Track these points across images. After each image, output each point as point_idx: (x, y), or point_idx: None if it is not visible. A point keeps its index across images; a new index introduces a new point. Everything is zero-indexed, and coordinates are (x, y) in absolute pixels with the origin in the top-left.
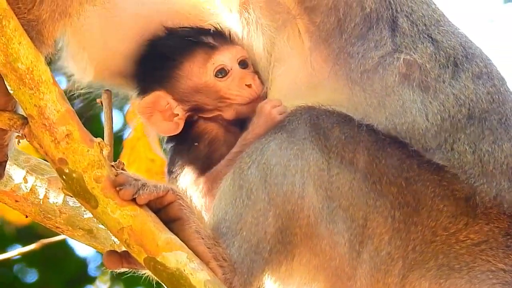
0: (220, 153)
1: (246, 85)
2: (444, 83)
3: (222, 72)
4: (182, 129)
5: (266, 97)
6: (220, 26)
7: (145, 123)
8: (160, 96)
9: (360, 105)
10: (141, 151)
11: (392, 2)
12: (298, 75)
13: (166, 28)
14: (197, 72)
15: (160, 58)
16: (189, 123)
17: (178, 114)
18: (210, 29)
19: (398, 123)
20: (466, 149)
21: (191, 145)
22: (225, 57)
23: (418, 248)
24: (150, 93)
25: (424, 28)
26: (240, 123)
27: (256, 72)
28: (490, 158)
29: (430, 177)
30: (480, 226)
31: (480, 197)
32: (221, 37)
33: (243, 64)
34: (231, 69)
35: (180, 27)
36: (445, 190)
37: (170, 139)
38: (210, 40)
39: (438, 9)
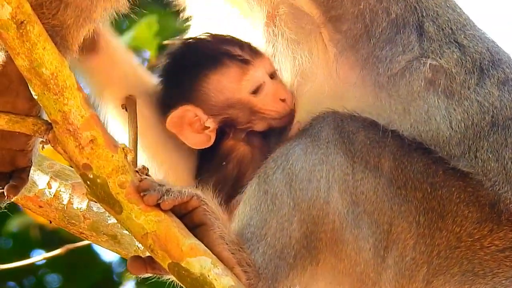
0: (249, 173)
1: (280, 99)
2: (469, 89)
3: (256, 90)
4: (213, 144)
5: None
6: (252, 43)
7: (178, 136)
8: (188, 110)
9: (385, 111)
10: None
11: (417, 7)
12: (323, 87)
13: (186, 40)
14: (230, 87)
15: (185, 71)
16: (220, 138)
17: (209, 127)
18: (239, 41)
19: (422, 131)
20: (489, 157)
21: (220, 163)
22: (259, 72)
23: (443, 254)
24: (178, 108)
25: (450, 32)
26: (267, 136)
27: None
28: None
29: (455, 183)
30: (505, 232)
31: (505, 204)
32: (252, 50)
33: (273, 76)
34: (264, 83)
35: (202, 37)
36: (470, 196)
37: (200, 154)
38: (241, 53)
39: (464, 13)
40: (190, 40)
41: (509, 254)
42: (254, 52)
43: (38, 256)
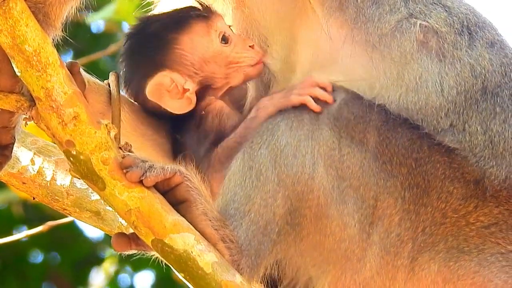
0: (229, 125)
1: (249, 46)
2: (461, 50)
3: (225, 39)
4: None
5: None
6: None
7: (159, 104)
8: (164, 75)
9: (378, 78)
10: None
11: None
12: (315, 48)
13: (141, 18)
14: (202, 42)
15: (153, 39)
16: (198, 102)
17: (189, 89)
18: (193, 4)
19: (411, 101)
20: (477, 129)
21: (199, 122)
22: (221, 22)
23: (428, 230)
24: (154, 75)
25: None
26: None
27: None
28: (500, 139)
29: (440, 159)
30: (490, 208)
31: (490, 180)
32: (207, 7)
33: (232, 31)
34: (230, 35)
35: (158, 13)
36: (455, 172)
37: (176, 118)
38: (200, 11)
39: None
40: (149, 15)
41: (494, 230)
42: (209, 9)
43: (21, 234)
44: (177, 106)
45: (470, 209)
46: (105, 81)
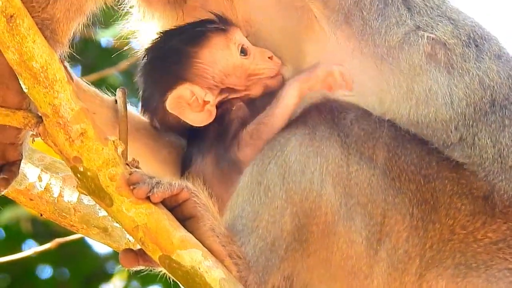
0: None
1: (268, 57)
2: (469, 63)
3: (244, 51)
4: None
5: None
6: (219, 13)
7: (180, 117)
8: (185, 88)
9: (388, 91)
10: None
11: None
12: (327, 63)
13: (160, 33)
14: (222, 55)
15: (173, 53)
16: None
17: (209, 101)
18: (214, 18)
19: (421, 115)
20: (487, 142)
21: (220, 122)
22: (239, 35)
23: (436, 247)
24: (175, 88)
25: (436, 6)
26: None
27: None
28: (510, 152)
29: (449, 175)
30: (498, 224)
31: (499, 195)
32: (224, 20)
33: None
34: (248, 47)
35: (175, 27)
36: (463, 188)
37: (192, 132)
38: (218, 24)
39: None
40: (167, 30)
41: (502, 246)
42: (227, 21)
43: (30, 250)
44: (198, 118)
45: (478, 226)
46: (113, 97)
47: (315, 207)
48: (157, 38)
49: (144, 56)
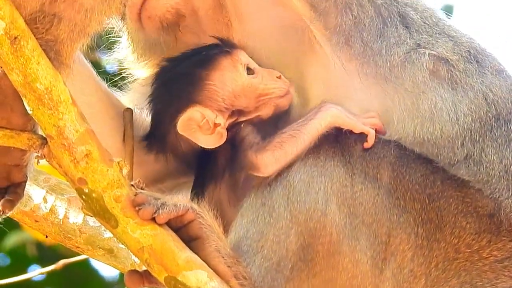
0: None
1: (276, 77)
2: (472, 78)
3: (250, 71)
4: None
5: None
6: (222, 37)
7: (192, 140)
8: (195, 111)
9: (394, 110)
10: None
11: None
12: (329, 84)
13: (168, 59)
14: (230, 77)
15: (183, 77)
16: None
17: (220, 124)
18: (218, 41)
19: (427, 132)
20: (494, 158)
21: (230, 147)
22: (245, 57)
23: (441, 266)
24: (186, 110)
25: (433, 23)
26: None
27: None
28: None
29: (454, 194)
30: (504, 242)
31: (505, 213)
32: (227, 41)
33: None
34: (255, 68)
35: (181, 53)
36: (468, 207)
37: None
38: (223, 47)
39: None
40: (173, 56)
41: (507, 264)
42: (230, 43)
43: (35, 271)
44: (209, 141)
45: (483, 244)
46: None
47: (320, 227)
48: (165, 63)
49: (154, 81)
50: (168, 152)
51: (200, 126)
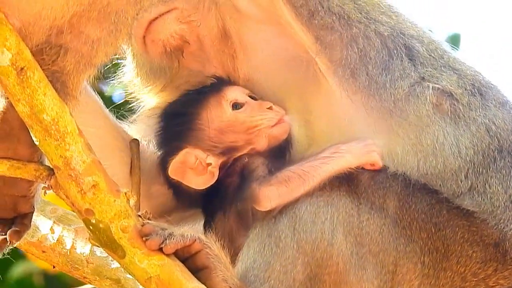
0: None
1: (267, 108)
2: (475, 111)
3: (237, 105)
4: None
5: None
6: (217, 75)
7: (183, 182)
8: (187, 153)
9: (397, 144)
10: None
11: (402, 30)
12: (334, 116)
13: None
14: (216, 114)
15: (177, 116)
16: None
17: (211, 163)
18: (211, 80)
19: (430, 166)
20: (498, 189)
21: (232, 180)
22: (234, 92)
23: None
24: (177, 153)
25: (439, 56)
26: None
27: None
28: None
29: (459, 223)
30: (510, 271)
31: (510, 243)
32: (224, 81)
33: (253, 98)
34: (245, 102)
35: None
36: (474, 236)
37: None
38: (215, 86)
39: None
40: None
41: None
42: (221, 80)
43: None
44: (200, 181)
45: (489, 273)
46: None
47: (327, 257)
48: (167, 104)
49: (156, 123)
50: (171, 190)
51: (193, 168)
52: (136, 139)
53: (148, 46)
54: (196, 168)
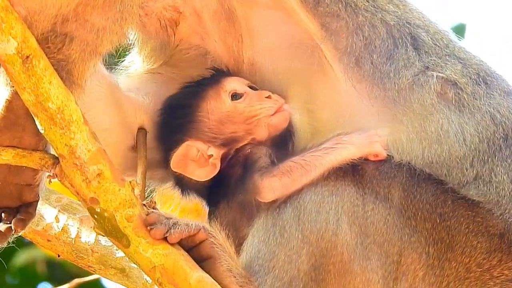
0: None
1: (265, 97)
2: (480, 100)
3: (236, 96)
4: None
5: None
6: (215, 66)
7: (185, 174)
8: (188, 146)
9: (402, 132)
10: None
11: (408, 19)
12: (339, 105)
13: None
14: (215, 105)
15: (177, 109)
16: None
17: (212, 155)
18: (210, 72)
19: (435, 154)
20: (503, 179)
21: (236, 170)
22: (233, 83)
23: (452, 285)
24: (179, 146)
25: (444, 45)
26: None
27: None
28: None
29: (464, 213)
30: None
31: None
32: (223, 73)
33: (253, 88)
34: (244, 92)
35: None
36: (479, 226)
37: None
38: (213, 78)
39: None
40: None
41: None
42: (219, 71)
43: None
44: (202, 173)
45: (494, 263)
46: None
47: (331, 247)
48: (166, 99)
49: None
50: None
51: (195, 160)
52: (143, 129)
53: (143, 21)
54: (198, 160)
